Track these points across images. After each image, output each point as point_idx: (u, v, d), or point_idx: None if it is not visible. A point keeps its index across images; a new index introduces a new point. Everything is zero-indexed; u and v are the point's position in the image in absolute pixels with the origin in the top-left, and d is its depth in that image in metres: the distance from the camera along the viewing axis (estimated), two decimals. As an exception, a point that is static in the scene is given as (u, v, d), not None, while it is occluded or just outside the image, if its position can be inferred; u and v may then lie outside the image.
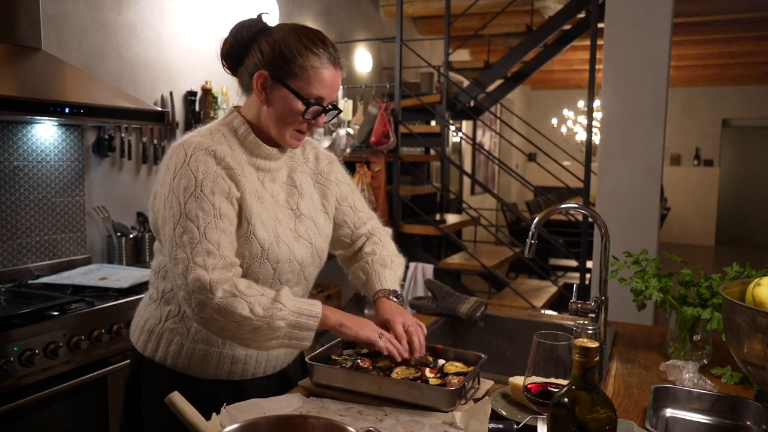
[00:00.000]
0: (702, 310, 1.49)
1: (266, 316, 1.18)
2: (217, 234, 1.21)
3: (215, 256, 1.19)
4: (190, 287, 1.16)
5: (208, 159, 1.25)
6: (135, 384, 1.41)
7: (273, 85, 1.29)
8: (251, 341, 1.20)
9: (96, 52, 2.68)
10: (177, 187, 1.21)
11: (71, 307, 2.03)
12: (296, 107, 1.29)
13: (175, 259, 1.19)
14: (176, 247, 1.19)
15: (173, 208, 1.21)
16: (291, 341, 1.22)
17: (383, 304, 1.43)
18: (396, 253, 1.59)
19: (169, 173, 1.24)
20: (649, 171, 2.83)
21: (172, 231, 1.20)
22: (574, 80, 9.52)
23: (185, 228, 1.19)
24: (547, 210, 1.70)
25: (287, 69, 1.28)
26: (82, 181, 2.65)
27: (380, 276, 1.49)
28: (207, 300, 1.16)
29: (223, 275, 1.18)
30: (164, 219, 1.23)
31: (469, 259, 3.82)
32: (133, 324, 1.44)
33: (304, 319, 1.22)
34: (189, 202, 1.20)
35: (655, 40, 2.80)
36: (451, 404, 1.19)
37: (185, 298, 1.18)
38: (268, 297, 1.21)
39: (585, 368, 0.77)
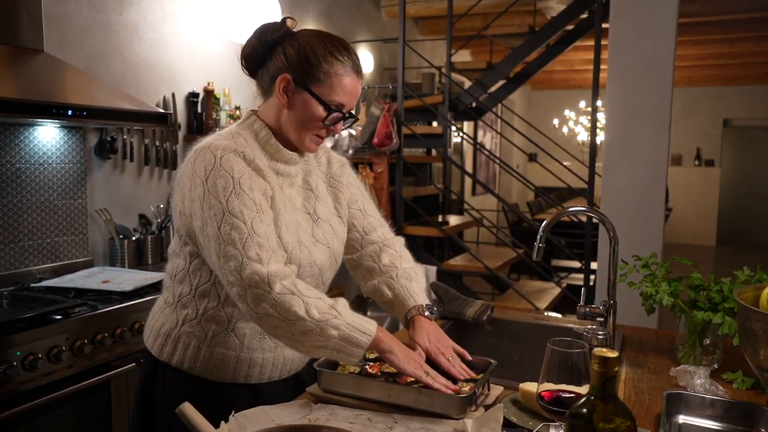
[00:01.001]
0: (713, 314, 1.47)
1: (321, 320, 1.16)
2: (264, 228, 1.20)
3: (267, 249, 1.18)
4: (246, 282, 1.14)
5: (239, 159, 1.25)
6: (149, 389, 1.40)
7: (295, 89, 1.29)
8: (300, 344, 1.18)
9: (98, 53, 2.66)
10: (214, 188, 1.20)
11: (74, 311, 2.01)
12: (317, 113, 1.29)
13: (225, 256, 1.17)
14: (225, 244, 1.17)
15: (213, 207, 1.19)
16: (339, 354, 1.20)
17: (420, 326, 1.40)
18: (414, 263, 1.57)
19: (198, 176, 1.22)
20: (654, 172, 2.82)
21: (217, 230, 1.18)
22: (575, 80, 9.51)
23: (232, 225, 1.18)
24: (555, 213, 1.68)
25: (311, 74, 1.28)
26: (84, 183, 2.63)
27: (409, 291, 1.47)
28: (264, 294, 1.14)
29: (281, 269, 1.17)
30: (204, 221, 1.21)
31: (471, 261, 3.81)
32: (147, 328, 1.42)
33: (357, 335, 1.20)
34: (231, 200, 1.19)
35: (660, 41, 2.78)
36: (462, 411, 1.18)
37: (240, 294, 1.16)
38: (326, 302, 1.19)
39: (604, 378, 0.76)
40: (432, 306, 1.46)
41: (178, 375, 1.33)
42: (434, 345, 1.35)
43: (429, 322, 1.42)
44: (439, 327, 1.43)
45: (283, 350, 1.38)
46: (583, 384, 1.01)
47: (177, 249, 1.35)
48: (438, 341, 1.37)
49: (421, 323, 1.40)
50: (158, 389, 1.37)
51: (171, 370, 1.34)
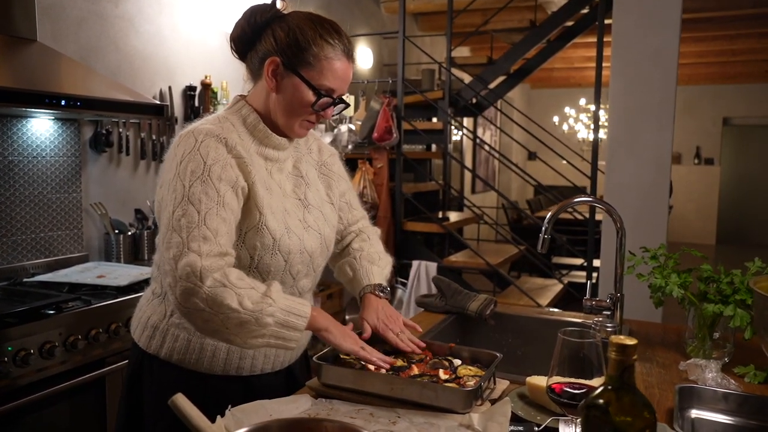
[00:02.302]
0: (723, 306, 1.43)
1: (255, 311, 1.12)
2: (217, 222, 1.16)
3: (211, 242, 1.13)
4: (179, 273, 1.10)
5: (219, 146, 1.21)
6: (136, 382, 1.36)
7: (284, 73, 1.25)
8: (236, 336, 1.14)
9: (93, 45, 2.62)
10: (183, 171, 1.17)
11: (68, 306, 1.96)
12: (306, 97, 1.26)
13: (168, 242, 1.13)
14: (172, 230, 1.14)
15: (176, 191, 1.16)
16: (277, 341, 1.17)
17: (369, 302, 1.41)
18: (383, 252, 1.57)
19: (176, 159, 1.20)
20: (658, 168, 2.78)
21: (170, 214, 1.15)
22: (574, 78, 9.48)
23: (185, 211, 1.14)
24: (561, 204, 1.65)
25: (300, 57, 1.24)
26: (78, 177, 2.59)
27: (368, 272, 1.47)
28: (194, 288, 1.10)
29: (215, 263, 1.12)
30: (165, 202, 1.18)
31: (472, 257, 3.77)
32: (134, 320, 1.39)
33: (293, 319, 1.17)
34: (194, 185, 1.16)
35: (664, 36, 2.74)
36: (467, 406, 1.14)
37: (171, 285, 1.12)
38: (259, 291, 1.15)
39: (623, 367, 0.72)
40: (385, 287, 1.46)
41: (167, 367, 1.30)
42: (382, 321, 1.36)
43: (379, 300, 1.42)
44: (389, 305, 1.43)
45: None
46: (594, 376, 0.97)
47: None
48: (386, 318, 1.38)
49: (370, 301, 1.41)
50: (146, 382, 1.33)
51: (159, 363, 1.31)
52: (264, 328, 1.13)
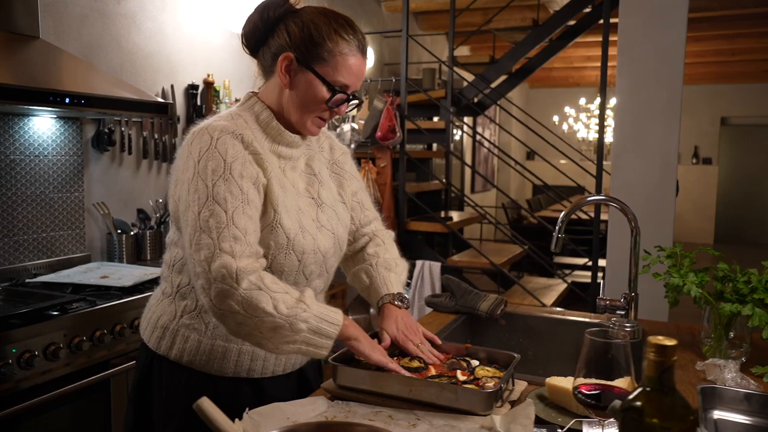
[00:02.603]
0: (741, 306, 1.41)
1: (290, 315, 1.10)
2: (245, 220, 1.14)
3: (242, 242, 1.11)
4: (213, 275, 1.08)
5: (236, 143, 1.19)
6: (145, 383, 1.33)
7: (298, 69, 1.23)
8: (268, 341, 1.12)
9: (95, 43, 2.59)
10: (204, 170, 1.14)
11: (72, 307, 1.93)
12: (320, 93, 1.24)
13: (197, 244, 1.11)
14: (200, 231, 1.11)
15: (199, 191, 1.13)
16: (308, 347, 1.15)
17: (389, 312, 1.38)
18: (399, 257, 1.54)
19: (192, 157, 1.17)
20: (664, 166, 2.76)
21: (196, 215, 1.12)
22: (573, 78, 9.47)
23: (212, 211, 1.12)
24: (576, 202, 1.63)
25: (315, 53, 1.22)
26: (81, 176, 2.56)
27: (385, 280, 1.43)
28: (230, 290, 1.08)
29: (250, 265, 1.10)
30: (187, 203, 1.15)
31: (476, 257, 3.75)
32: (143, 320, 1.36)
33: (326, 326, 1.15)
34: (217, 185, 1.13)
35: (671, 34, 2.73)
36: (488, 407, 1.12)
37: (204, 287, 1.09)
38: (293, 296, 1.14)
39: (662, 368, 0.70)
40: (404, 297, 1.42)
41: (177, 369, 1.27)
42: (402, 332, 1.33)
43: (398, 310, 1.38)
44: (409, 314, 1.40)
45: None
46: (622, 376, 0.96)
47: (175, 238, 1.29)
48: (406, 328, 1.35)
49: (390, 311, 1.37)
50: (155, 384, 1.31)
51: (169, 364, 1.28)
52: (297, 334, 1.11)
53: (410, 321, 1.37)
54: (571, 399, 1.16)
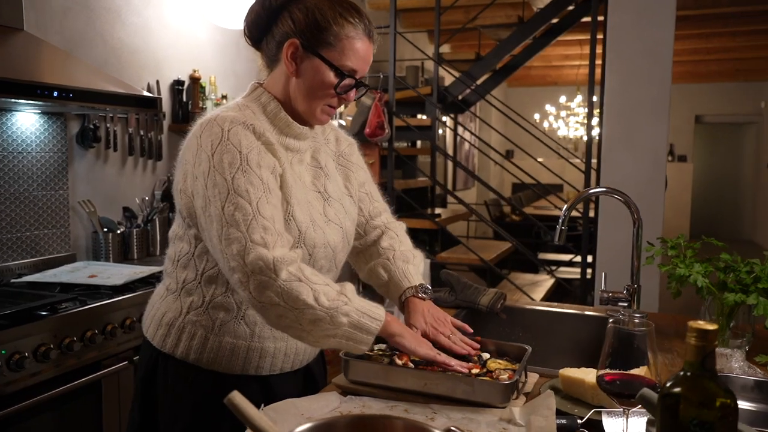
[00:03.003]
0: (745, 296, 1.42)
1: (331, 308, 1.08)
2: (270, 209, 1.11)
3: (272, 232, 1.09)
4: (250, 268, 1.05)
5: (248, 133, 1.16)
6: (149, 383, 1.29)
7: (304, 55, 1.20)
8: (308, 334, 1.10)
9: (78, 37, 2.52)
10: (220, 163, 1.11)
11: (61, 307, 1.87)
12: (328, 79, 1.21)
13: (227, 239, 1.08)
14: (228, 225, 1.08)
15: (218, 185, 1.10)
16: (348, 342, 1.12)
17: (415, 306, 1.34)
18: (413, 248, 1.50)
19: (204, 150, 1.13)
20: (654, 162, 2.79)
21: (220, 210, 1.09)
22: (550, 77, 9.56)
23: (236, 205, 1.09)
24: (578, 195, 1.63)
25: (321, 38, 1.19)
26: (65, 173, 2.49)
27: (405, 272, 1.40)
28: (269, 281, 1.05)
29: (287, 255, 1.08)
30: (207, 199, 1.12)
31: (465, 254, 3.75)
32: (147, 318, 1.32)
33: (367, 321, 1.12)
34: (237, 177, 1.10)
35: (659, 31, 2.76)
36: (506, 400, 1.11)
37: (242, 280, 1.07)
38: (334, 288, 1.11)
39: (704, 353, 0.69)
40: (427, 287, 1.39)
41: (183, 367, 1.24)
42: (431, 326, 1.30)
43: (423, 302, 1.36)
44: (435, 305, 1.37)
45: (295, 339, 1.29)
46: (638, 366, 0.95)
47: (180, 232, 1.26)
48: (435, 321, 1.32)
49: (415, 305, 1.35)
50: (160, 383, 1.27)
51: (175, 362, 1.25)
52: (338, 327, 1.09)
53: (437, 312, 1.35)
54: (586, 390, 1.16)
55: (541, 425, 0.99)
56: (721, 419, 0.68)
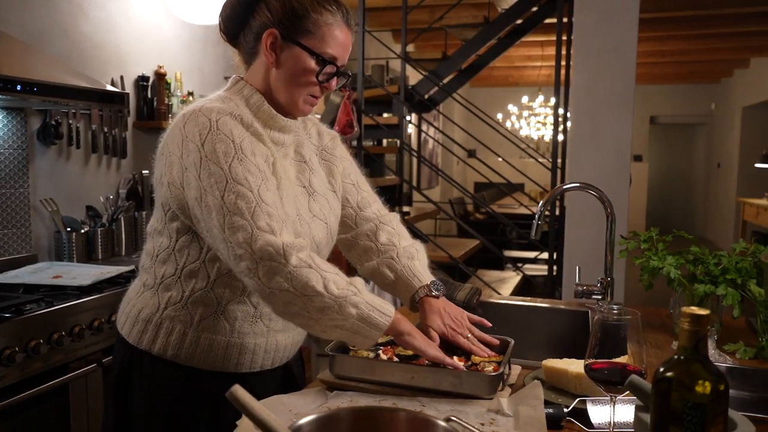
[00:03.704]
0: (714, 287, 1.48)
1: (340, 297, 1.06)
2: (271, 196, 1.10)
3: (277, 218, 1.08)
4: (258, 255, 1.04)
5: (237, 123, 1.15)
6: (124, 381, 1.26)
7: (284, 45, 1.20)
8: (315, 323, 1.08)
9: (39, 29, 2.43)
10: (212, 153, 1.09)
11: (26, 308, 1.81)
12: (309, 66, 1.20)
13: (231, 227, 1.06)
14: (231, 214, 1.06)
15: (214, 174, 1.08)
16: (355, 336, 1.10)
17: (430, 306, 1.32)
18: (412, 239, 1.48)
19: (192, 140, 1.11)
20: (619, 160, 2.87)
21: (220, 199, 1.07)
22: (512, 77, 9.70)
23: (237, 193, 1.07)
24: (554, 190, 1.66)
25: (300, 26, 1.18)
26: (26, 171, 2.40)
27: (413, 271, 1.37)
28: (278, 267, 1.04)
29: (296, 241, 1.07)
30: (202, 190, 1.09)
31: (433, 251, 3.77)
32: (121, 315, 1.28)
33: (376, 315, 1.10)
34: (234, 166, 1.09)
35: (623, 32, 2.84)
36: (493, 391, 1.12)
37: (250, 267, 1.05)
38: (344, 278, 1.10)
39: (697, 338, 0.71)
40: (438, 283, 1.38)
41: (160, 364, 1.22)
42: (449, 327, 1.29)
43: (438, 301, 1.34)
44: (450, 302, 1.36)
45: (275, 335, 1.27)
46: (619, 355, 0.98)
47: (160, 226, 1.23)
48: (452, 321, 1.31)
49: (430, 305, 1.32)
50: (135, 381, 1.24)
51: (151, 359, 1.22)
52: (346, 319, 1.07)
53: (454, 310, 1.33)
54: (570, 380, 1.18)
55: (530, 414, 1.01)
56: (713, 402, 0.71)
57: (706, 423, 0.69)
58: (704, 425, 0.69)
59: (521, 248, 5.65)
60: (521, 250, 5.62)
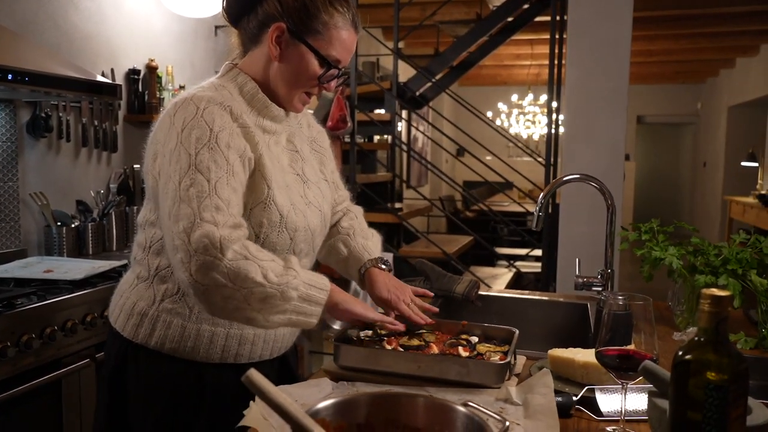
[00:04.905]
0: (715, 278, 1.48)
1: (281, 284, 1.04)
2: (228, 191, 1.07)
3: (224, 212, 1.04)
4: (194, 246, 1.00)
5: (224, 114, 1.13)
6: (118, 377, 1.23)
7: (290, 41, 1.17)
8: (257, 314, 1.05)
9: (30, 20, 2.39)
10: (187, 139, 1.08)
11: (18, 302, 1.77)
12: (313, 68, 1.19)
13: (176, 215, 1.03)
14: (180, 201, 1.04)
15: (181, 160, 1.06)
16: (298, 317, 1.09)
17: (376, 276, 1.36)
18: (371, 229, 1.53)
19: (175, 127, 1.10)
20: (613, 155, 2.88)
21: (176, 185, 1.05)
22: (501, 76, 9.72)
23: (193, 180, 1.05)
24: (553, 183, 1.66)
25: (309, 25, 1.17)
26: (15, 164, 2.35)
27: (364, 246, 1.42)
28: (214, 262, 1.00)
29: (233, 233, 1.04)
30: (168, 175, 1.08)
31: (427, 247, 3.77)
32: (114, 308, 1.26)
33: (315, 292, 1.10)
34: (201, 153, 1.06)
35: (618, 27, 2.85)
36: (500, 380, 1.11)
37: (183, 260, 1.01)
38: (279, 263, 1.08)
39: (718, 319, 0.70)
40: (386, 260, 1.42)
41: (157, 358, 1.19)
42: (393, 294, 1.32)
43: (384, 273, 1.37)
44: (394, 277, 1.40)
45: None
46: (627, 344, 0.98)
47: (152, 217, 1.21)
48: (397, 290, 1.34)
49: (376, 275, 1.36)
50: (130, 375, 1.22)
51: (147, 353, 1.20)
52: (287, 302, 1.06)
53: (397, 282, 1.37)
54: (576, 369, 1.17)
55: (540, 403, 1.00)
56: (734, 383, 0.70)
57: (728, 405, 0.69)
58: (726, 407, 0.69)
59: (512, 245, 5.66)
60: (512, 247, 5.64)
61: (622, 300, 1.35)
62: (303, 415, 0.63)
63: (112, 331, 1.25)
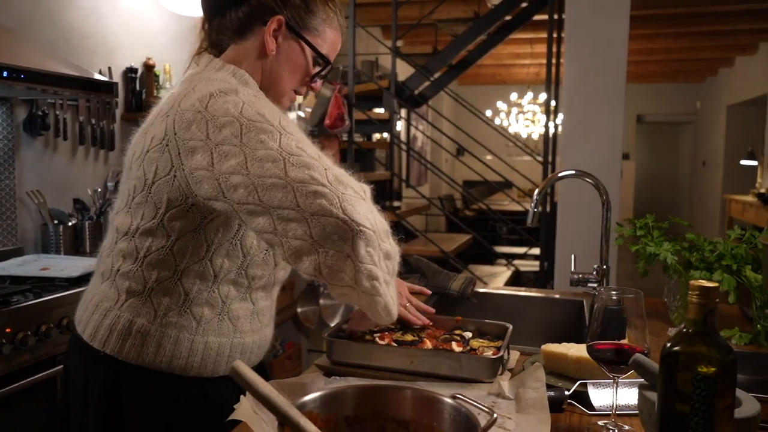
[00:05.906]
0: (709, 273, 1.48)
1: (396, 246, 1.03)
2: (330, 161, 1.00)
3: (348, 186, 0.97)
4: (355, 223, 0.91)
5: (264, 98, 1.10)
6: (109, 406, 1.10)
7: (287, 35, 1.15)
8: (388, 285, 0.98)
9: (25, 17, 2.39)
10: (257, 116, 0.98)
11: (14, 299, 1.77)
12: (308, 65, 1.18)
13: (314, 193, 0.92)
14: (299, 166, 0.94)
15: (263, 136, 0.96)
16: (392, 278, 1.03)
17: None
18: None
19: (222, 116, 0.98)
20: (611, 151, 2.88)
21: (282, 171, 0.94)
22: (500, 75, 9.71)
23: (298, 143, 0.98)
24: (549, 178, 1.66)
25: (308, 22, 1.15)
26: (12, 162, 2.35)
27: None
28: (372, 236, 0.94)
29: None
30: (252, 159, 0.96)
31: (425, 246, 3.77)
32: (99, 329, 1.11)
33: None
34: (284, 138, 0.97)
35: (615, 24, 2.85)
36: (492, 375, 1.11)
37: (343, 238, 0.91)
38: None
39: (706, 310, 0.70)
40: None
41: (158, 377, 1.09)
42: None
43: None
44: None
45: (265, 329, 1.24)
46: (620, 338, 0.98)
47: (152, 225, 1.07)
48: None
49: None
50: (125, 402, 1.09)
51: (146, 375, 1.09)
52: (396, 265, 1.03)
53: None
54: (569, 364, 1.17)
55: (532, 397, 1.00)
56: (721, 375, 0.70)
57: (715, 396, 0.69)
58: (713, 399, 0.69)
59: (511, 244, 5.67)
60: (511, 245, 5.64)
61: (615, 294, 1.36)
62: (289, 406, 0.63)
63: (94, 355, 1.10)
